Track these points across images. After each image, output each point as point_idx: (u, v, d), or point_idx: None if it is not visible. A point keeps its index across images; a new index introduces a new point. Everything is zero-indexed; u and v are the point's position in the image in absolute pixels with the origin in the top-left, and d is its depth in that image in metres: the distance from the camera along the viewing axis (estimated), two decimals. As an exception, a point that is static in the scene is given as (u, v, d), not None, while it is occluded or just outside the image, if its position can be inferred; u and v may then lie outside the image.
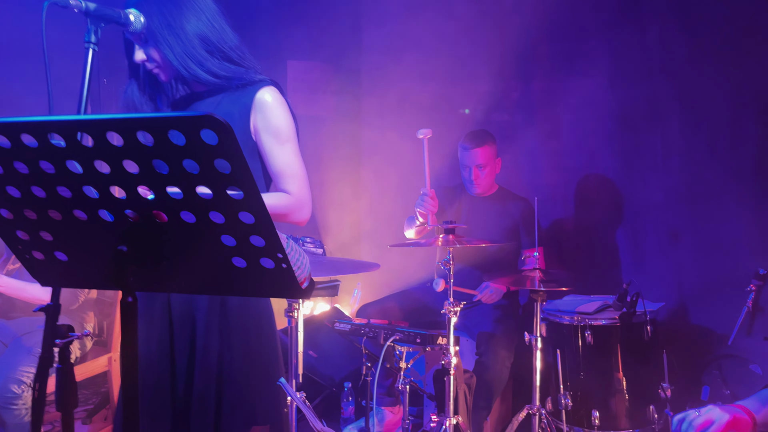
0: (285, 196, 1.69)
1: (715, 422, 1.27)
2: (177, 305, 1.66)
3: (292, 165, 1.68)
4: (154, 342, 1.66)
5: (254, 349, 1.69)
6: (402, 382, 2.51)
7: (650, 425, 2.63)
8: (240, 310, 1.68)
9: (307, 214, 1.73)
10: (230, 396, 1.65)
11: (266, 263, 1.04)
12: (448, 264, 2.32)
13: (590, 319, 2.63)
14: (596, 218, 3.34)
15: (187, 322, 1.65)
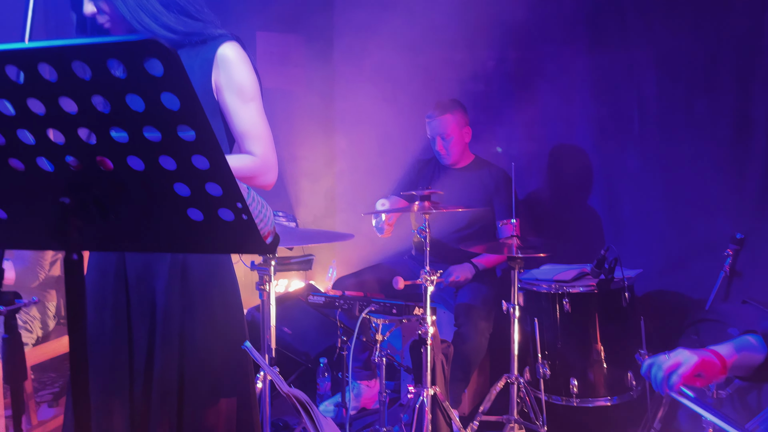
0: (250, 157, 1.60)
1: (683, 364, 1.27)
2: (133, 272, 1.57)
3: (257, 125, 1.60)
4: (109, 311, 1.57)
5: (219, 318, 1.61)
6: (378, 354, 2.45)
7: (628, 392, 2.62)
8: (202, 278, 1.60)
9: (273, 177, 1.65)
10: (193, 368, 1.57)
11: (225, 215, 0.95)
12: (425, 231, 2.25)
13: (568, 286, 2.60)
14: (572, 187, 3.30)
15: (145, 291, 1.57)
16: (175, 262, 1.56)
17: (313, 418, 0.76)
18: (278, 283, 4.17)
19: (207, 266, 1.60)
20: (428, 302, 2.26)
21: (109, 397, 1.56)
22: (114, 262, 1.58)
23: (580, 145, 3.26)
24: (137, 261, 1.57)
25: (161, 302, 1.55)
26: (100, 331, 1.55)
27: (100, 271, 1.59)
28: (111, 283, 1.57)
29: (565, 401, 2.61)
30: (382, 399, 2.47)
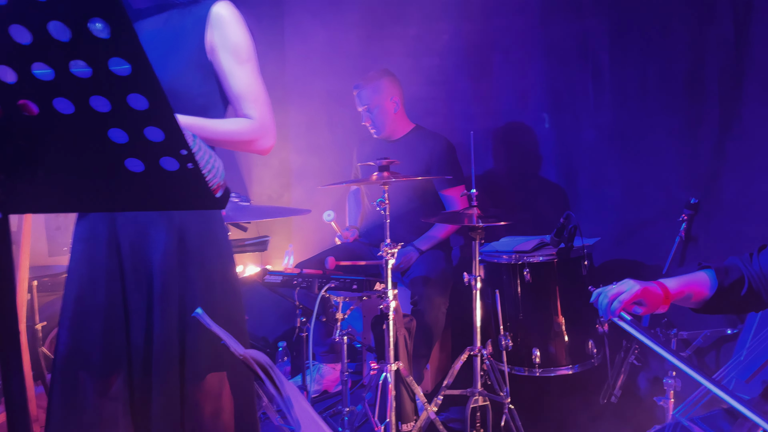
0: (247, 121, 1.53)
1: (626, 291, 1.36)
2: (126, 240, 1.47)
3: (253, 86, 1.54)
4: (102, 284, 1.46)
5: (218, 287, 1.52)
6: (339, 333, 2.38)
7: (589, 360, 2.63)
8: (200, 244, 1.51)
9: (272, 141, 1.58)
10: (194, 340, 1.48)
11: (168, 164, 0.86)
12: (384, 203, 2.19)
13: (528, 256, 2.58)
14: (529, 160, 3.29)
15: (141, 260, 1.47)
16: (172, 228, 1.47)
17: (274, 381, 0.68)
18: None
19: (204, 231, 1.52)
20: (389, 275, 2.19)
21: (108, 376, 1.46)
22: (105, 230, 1.47)
23: (536, 117, 3.25)
24: (129, 228, 1.47)
25: (159, 271, 1.45)
26: (94, 307, 1.46)
27: (90, 242, 1.49)
28: (103, 253, 1.47)
29: (527, 372, 2.60)
30: (344, 379, 2.41)
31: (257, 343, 3.25)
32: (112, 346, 1.45)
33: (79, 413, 1.47)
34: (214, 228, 1.55)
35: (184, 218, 1.49)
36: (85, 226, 1.50)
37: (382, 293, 2.21)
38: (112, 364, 1.44)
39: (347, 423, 2.36)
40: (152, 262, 1.46)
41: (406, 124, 3.06)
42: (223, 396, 1.51)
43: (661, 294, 1.37)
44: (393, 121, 3.00)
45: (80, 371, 1.44)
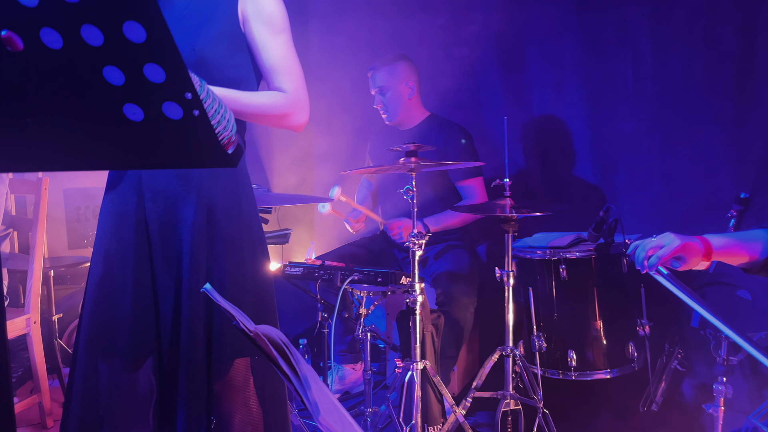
0: (280, 94, 1.45)
1: (666, 246, 1.32)
2: (154, 216, 1.40)
3: (287, 59, 1.47)
4: (130, 263, 1.40)
5: (248, 266, 1.46)
6: (362, 330, 2.26)
7: (629, 364, 2.46)
8: (229, 220, 1.43)
9: (305, 117, 1.50)
10: (220, 325, 1.41)
11: (171, 110, 0.75)
12: (411, 191, 2.06)
13: (564, 252, 2.43)
14: (563, 154, 3.14)
15: (169, 237, 1.40)
16: (201, 204, 1.40)
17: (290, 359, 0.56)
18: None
19: (233, 207, 1.45)
20: (416, 267, 2.06)
21: (136, 357, 1.41)
22: (134, 206, 1.41)
23: (571, 109, 3.10)
24: (159, 204, 1.40)
25: (187, 249, 1.39)
26: (122, 287, 1.40)
27: (118, 218, 1.43)
28: (131, 230, 1.41)
29: (562, 375, 2.44)
30: (367, 378, 2.28)
31: (277, 340, 3.14)
32: (140, 327, 1.38)
33: (103, 396, 1.40)
34: (243, 204, 1.48)
35: (214, 194, 1.42)
36: (112, 201, 1.43)
37: (408, 287, 2.08)
38: (140, 345, 1.38)
39: (370, 424, 2.23)
40: (181, 240, 1.40)
41: (420, 113, 2.93)
42: (250, 382, 1.44)
43: (701, 250, 1.33)
44: (406, 108, 2.87)
45: (105, 352, 1.38)
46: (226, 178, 1.44)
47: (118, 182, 1.43)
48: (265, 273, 1.50)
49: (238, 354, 1.42)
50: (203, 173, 1.40)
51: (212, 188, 1.41)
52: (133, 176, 1.41)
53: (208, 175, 1.40)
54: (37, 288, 2.50)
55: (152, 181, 1.40)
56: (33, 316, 2.52)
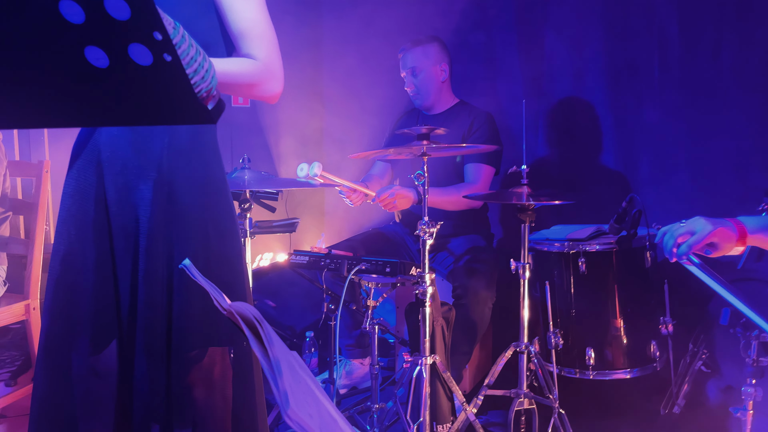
0: (250, 61, 1.34)
1: (697, 233, 1.23)
2: (113, 193, 1.31)
3: (258, 23, 1.35)
4: (90, 245, 1.31)
5: (214, 252, 1.35)
6: (370, 322, 2.15)
7: (651, 364, 2.33)
8: (193, 200, 1.33)
9: (278, 87, 1.39)
10: (183, 311, 1.31)
11: (139, 54, 0.65)
12: (423, 176, 1.95)
13: (583, 245, 2.31)
14: (584, 144, 3.01)
15: (128, 216, 1.30)
16: (161, 181, 1.30)
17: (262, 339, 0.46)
18: (263, 257, 3.89)
19: (198, 184, 1.34)
20: (426, 257, 1.96)
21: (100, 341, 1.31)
22: (93, 184, 1.32)
23: (592, 97, 2.96)
24: (118, 180, 1.31)
25: (144, 230, 1.29)
26: (82, 268, 1.31)
27: (77, 197, 1.33)
28: (91, 209, 1.32)
29: (579, 374, 2.32)
30: (374, 373, 2.18)
31: (284, 332, 3.05)
32: (103, 311, 1.28)
33: (69, 380, 1.31)
34: (211, 182, 1.37)
35: (176, 170, 1.32)
36: (73, 177, 1.34)
37: (418, 278, 1.97)
38: (103, 327, 1.28)
39: (376, 421, 2.13)
40: (138, 220, 1.30)
41: (450, 98, 2.82)
42: (215, 374, 1.33)
43: (735, 234, 1.23)
44: (438, 91, 2.76)
45: (68, 333, 1.29)
46: (191, 152, 1.33)
47: (78, 158, 1.34)
48: (235, 257, 1.40)
49: (205, 343, 1.32)
50: (164, 147, 1.30)
51: (174, 163, 1.31)
52: (93, 151, 1.32)
53: (170, 148, 1.30)
54: (37, 274, 2.43)
55: (111, 155, 1.30)
56: (32, 303, 2.45)
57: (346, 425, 0.57)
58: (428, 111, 2.83)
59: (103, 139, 1.30)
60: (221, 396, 1.33)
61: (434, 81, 2.74)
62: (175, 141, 1.31)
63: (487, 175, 2.68)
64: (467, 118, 2.73)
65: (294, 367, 0.51)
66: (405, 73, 2.76)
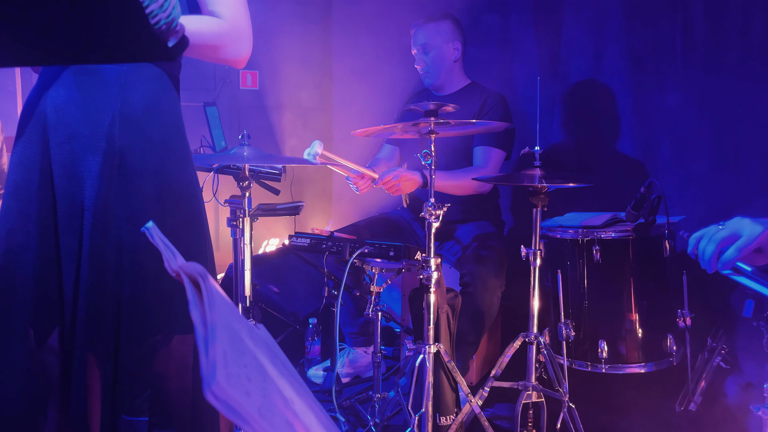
0: (214, 20, 1.23)
1: (744, 236, 1.03)
2: (59, 164, 1.19)
3: None
4: (33, 220, 1.19)
5: (172, 229, 1.23)
6: (373, 309, 2.06)
7: (667, 358, 2.22)
8: (148, 172, 1.21)
9: (246, 49, 1.27)
10: (134, 295, 1.20)
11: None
12: (429, 155, 1.85)
13: (598, 232, 2.20)
14: (602, 128, 2.89)
15: (74, 189, 1.19)
16: (111, 151, 1.18)
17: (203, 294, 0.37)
18: (269, 242, 3.81)
19: (154, 159, 1.22)
20: (432, 241, 1.86)
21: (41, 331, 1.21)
22: (38, 155, 1.21)
23: (611, 80, 2.84)
24: (64, 151, 1.19)
25: (90, 206, 1.18)
26: (24, 246, 1.19)
27: (22, 169, 1.22)
28: (35, 183, 1.20)
29: (591, 367, 2.22)
30: (377, 361, 2.10)
31: (287, 318, 2.97)
32: (44, 295, 1.18)
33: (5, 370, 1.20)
34: (170, 156, 1.25)
35: (128, 143, 1.20)
36: (18, 149, 1.22)
37: (422, 263, 1.88)
38: (44, 316, 1.18)
39: (377, 411, 2.05)
40: (84, 195, 1.18)
41: (461, 78, 2.71)
42: (168, 371, 1.22)
43: None
44: (449, 70, 2.65)
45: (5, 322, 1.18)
46: (146, 122, 1.21)
47: (25, 125, 1.23)
48: (198, 240, 1.28)
49: (159, 330, 1.22)
50: (116, 115, 1.18)
51: (127, 134, 1.19)
52: (39, 117, 1.20)
53: (122, 118, 1.19)
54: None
55: (57, 122, 1.19)
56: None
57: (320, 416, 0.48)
58: (438, 91, 2.73)
59: (50, 104, 1.19)
60: (178, 386, 1.23)
61: (446, 59, 2.63)
62: (127, 109, 1.19)
63: (498, 158, 2.58)
64: (479, 99, 2.62)
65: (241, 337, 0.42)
66: (416, 50, 2.65)
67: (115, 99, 1.19)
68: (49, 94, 1.19)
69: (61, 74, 1.20)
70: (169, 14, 0.64)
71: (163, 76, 1.25)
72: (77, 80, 1.19)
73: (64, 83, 1.19)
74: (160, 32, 0.64)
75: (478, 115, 2.58)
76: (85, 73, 1.20)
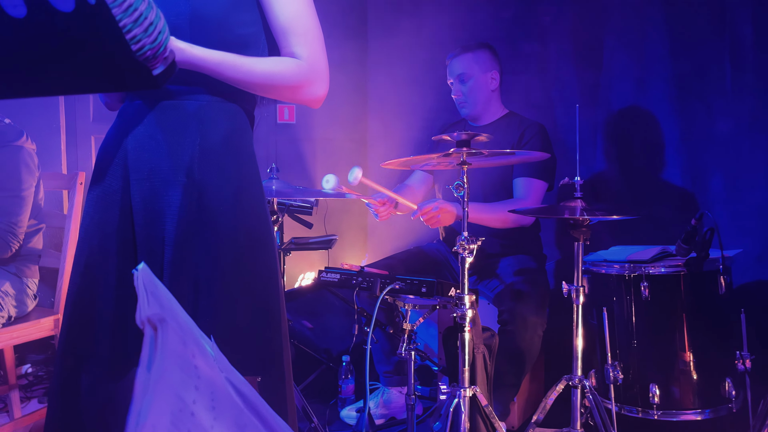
0: (293, 61, 1.23)
1: None
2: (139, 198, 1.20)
3: (302, 18, 1.24)
4: (113, 259, 1.20)
5: (246, 266, 1.22)
6: (405, 348, 1.97)
7: (725, 404, 2.05)
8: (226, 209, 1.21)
9: (323, 89, 1.27)
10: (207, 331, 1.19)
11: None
12: (462, 187, 1.77)
13: (647, 267, 2.06)
14: (647, 158, 2.76)
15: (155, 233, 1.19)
16: (191, 186, 1.19)
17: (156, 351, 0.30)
18: (305, 276, 3.77)
19: (232, 192, 1.23)
20: (466, 277, 1.77)
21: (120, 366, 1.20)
22: (119, 190, 1.22)
23: (656, 106, 2.72)
24: (144, 186, 1.20)
25: (171, 240, 1.17)
26: (103, 282, 1.20)
27: (101, 204, 1.23)
28: (115, 218, 1.22)
29: (642, 413, 2.06)
30: (410, 403, 1.99)
31: (320, 355, 2.90)
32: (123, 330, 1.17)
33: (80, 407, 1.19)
34: (246, 189, 1.25)
35: (207, 176, 1.20)
36: (96, 185, 1.24)
37: (456, 299, 1.78)
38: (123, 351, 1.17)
39: (410, 458, 1.94)
40: (165, 229, 1.18)
41: (499, 108, 2.63)
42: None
43: None
44: (487, 100, 2.58)
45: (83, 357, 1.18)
46: (224, 156, 1.23)
47: (103, 161, 1.24)
48: (270, 272, 1.27)
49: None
50: (195, 149, 1.19)
51: (206, 168, 1.20)
52: (119, 154, 1.22)
53: (202, 151, 1.20)
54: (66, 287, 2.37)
55: (138, 158, 1.20)
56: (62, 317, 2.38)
57: None
58: (475, 121, 2.66)
59: (131, 142, 1.21)
60: None
61: (483, 89, 2.56)
62: (206, 143, 1.21)
63: (539, 190, 2.47)
64: (517, 129, 2.54)
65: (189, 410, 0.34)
66: (452, 80, 2.59)
67: (194, 133, 1.20)
68: (129, 132, 1.21)
69: (140, 112, 1.22)
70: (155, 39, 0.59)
71: (239, 112, 1.27)
72: (157, 117, 1.21)
73: (144, 121, 1.21)
74: (145, 59, 0.59)
75: (517, 146, 2.50)
76: (164, 110, 1.21)
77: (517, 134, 2.51)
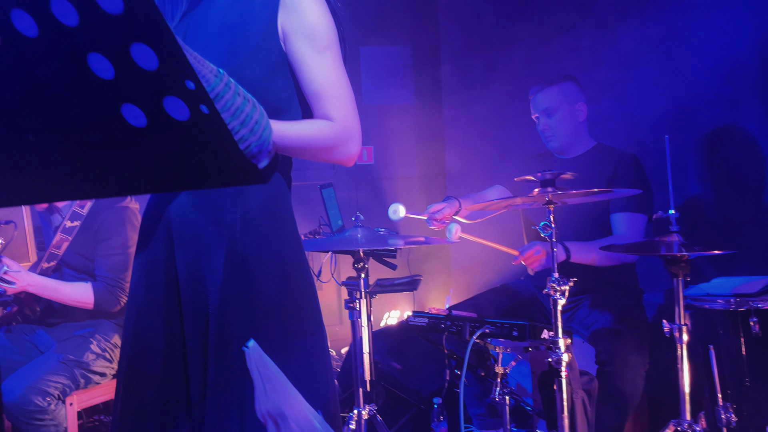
0: (326, 123, 1.26)
1: None
2: (184, 268, 1.23)
3: (334, 80, 1.26)
4: (160, 327, 1.23)
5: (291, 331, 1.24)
6: (499, 392, 1.93)
7: None
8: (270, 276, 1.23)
9: (356, 149, 1.29)
10: None
11: (174, 108, 0.55)
12: (549, 228, 1.73)
13: (755, 301, 1.93)
14: (746, 180, 2.60)
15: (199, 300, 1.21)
16: (234, 254, 1.21)
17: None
18: (390, 315, 3.78)
19: (275, 260, 1.25)
20: (559, 319, 1.72)
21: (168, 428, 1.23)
22: (164, 256, 1.26)
23: (751, 125, 2.57)
24: (188, 253, 1.24)
25: (215, 309, 1.20)
26: (152, 348, 1.24)
27: (147, 269, 1.28)
28: (161, 283, 1.25)
29: (761, 459, 1.91)
30: (507, 450, 1.94)
31: (410, 397, 2.87)
32: (171, 395, 1.19)
33: None
34: (289, 256, 1.27)
35: (250, 244, 1.22)
36: (142, 252, 1.29)
37: (550, 343, 1.73)
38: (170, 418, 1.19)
39: (510, 507, 1.88)
40: (208, 297, 1.20)
41: (587, 140, 2.56)
42: None
43: None
44: (575, 132, 2.51)
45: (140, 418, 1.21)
46: (267, 224, 1.24)
47: (147, 228, 1.29)
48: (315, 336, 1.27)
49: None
50: (237, 218, 1.21)
51: (248, 236, 1.21)
52: (163, 221, 1.26)
53: (244, 220, 1.22)
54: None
55: (181, 227, 1.24)
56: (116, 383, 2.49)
57: None
58: (562, 154, 2.59)
59: (174, 210, 1.25)
60: None
61: (572, 121, 2.50)
62: (248, 212, 1.23)
63: (638, 224, 2.36)
64: (610, 162, 2.45)
65: None
66: (537, 115, 2.56)
67: (236, 201, 1.23)
68: (172, 201, 1.26)
69: None
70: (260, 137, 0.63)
71: (277, 176, 1.29)
72: None
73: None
74: (251, 156, 0.63)
75: (612, 179, 2.41)
76: None
77: (611, 168, 2.42)
